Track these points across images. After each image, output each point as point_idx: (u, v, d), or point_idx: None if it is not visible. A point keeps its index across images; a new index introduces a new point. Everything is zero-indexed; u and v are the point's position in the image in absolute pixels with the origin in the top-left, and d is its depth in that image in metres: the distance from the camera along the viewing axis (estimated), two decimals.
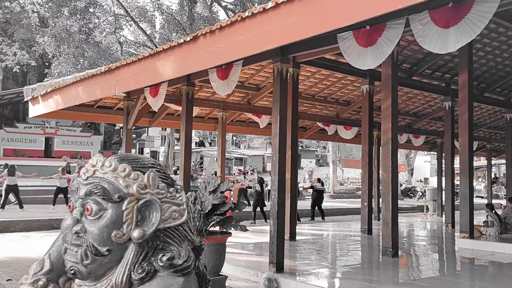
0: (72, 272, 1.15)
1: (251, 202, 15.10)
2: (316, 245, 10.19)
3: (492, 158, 22.31)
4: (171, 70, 6.48)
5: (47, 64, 33.16)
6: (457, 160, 14.52)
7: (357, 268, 7.69)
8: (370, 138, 11.16)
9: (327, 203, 17.95)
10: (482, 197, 27.72)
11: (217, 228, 6.01)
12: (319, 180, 17.06)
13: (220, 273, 5.88)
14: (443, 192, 14.49)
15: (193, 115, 10.13)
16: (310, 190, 19.68)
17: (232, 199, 15.45)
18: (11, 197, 16.00)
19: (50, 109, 9.94)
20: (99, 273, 1.16)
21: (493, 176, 28.94)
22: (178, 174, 11.88)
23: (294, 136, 9.63)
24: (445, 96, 11.95)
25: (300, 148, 42.50)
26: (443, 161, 14.42)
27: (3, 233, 11.98)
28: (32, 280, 1.20)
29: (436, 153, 19.07)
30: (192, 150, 12.69)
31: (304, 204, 18.14)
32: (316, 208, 16.03)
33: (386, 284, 6.38)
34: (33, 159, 31.59)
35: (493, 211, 10.14)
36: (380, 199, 13.68)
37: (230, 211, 5.93)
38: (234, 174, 31.47)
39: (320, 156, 52.19)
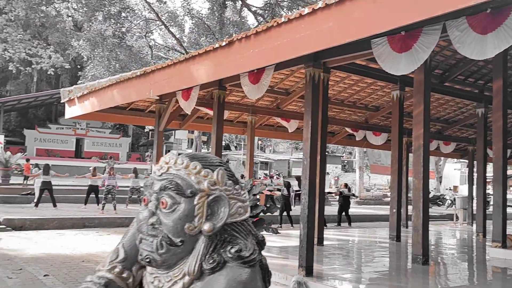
0: (148, 260, 1.25)
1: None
2: (344, 250, 10.17)
3: None
4: (205, 74, 6.61)
5: (79, 67, 34.05)
6: (489, 168, 14.27)
7: (386, 275, 7.65)
8: (400, 144, 11.06)
9: (353, 209, 17.85)
10: None
11: None
12: (346, 185, 16.99)
13: None
14: (474, 200, 14.22)
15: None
16: (337, 196, 19.62)
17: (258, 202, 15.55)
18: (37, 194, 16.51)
19: (86, 110, 10.24)
20: (172, 262, 1.25)
21: None
22: None
23: (323, 141, 9.65)
24: (478, 103, 11.75)
25: (326, 153, 42.32)
26: (475, 168, 14.17)
27: (38, 230, 12.38)
28: (109, 267, 1.31)
29: (466, 160, 18.72)
30: None
31: (330, 209, 18.08)
32: (343, 214, 15.98)
33: None
34: (64, 159, 32.42)
35: None
36: (409, 206, 13.55)
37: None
38: (260, 178, 31.57)
39: (346, 161, 51.82)
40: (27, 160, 22.19)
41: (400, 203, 11.29)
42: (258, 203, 5.51)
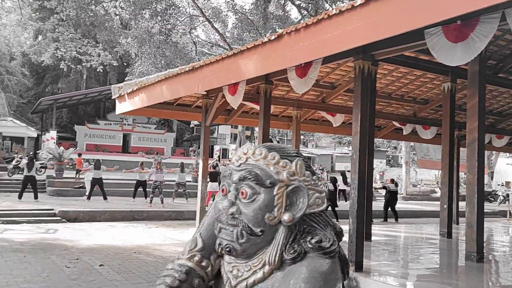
0: (228, 249, 1.26)
1: None
2: (393, 246, 9.99)
3: None
4: (253, 68, 6.63)
5: (125, 64, 34.98)
6: None
7: (438, 272, 7.46)
8: (451, 138, 10.70)
9: (399, 205, 17.47)
10: None
11: None
12: (392, 180, 16.64)
13: None
14: None
15: None
16: (382, 191, 19.26)
17: None
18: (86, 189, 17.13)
19: (135, 106, 10.50)
20: (251, 252, 1.27)
21: None
22: None
23: (370, 135, 9.47)
24: None
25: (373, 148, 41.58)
26: None
27: (90, 222, 12.87)
28: (189, 255, 1.34)
29: None
30: None
31: (375, 204, 17.76)
32: (389, 209, 15.68)
33: None
34: (112, 154, 33.42)
35: None
36: (460, 202, 13.12)
37: None
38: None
39: (390, 156, 50.74)
40: (79, 154, 23.06)
41: (451, 198, 10.95)
42: None
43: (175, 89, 8.87)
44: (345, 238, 7.37)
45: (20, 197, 14.95)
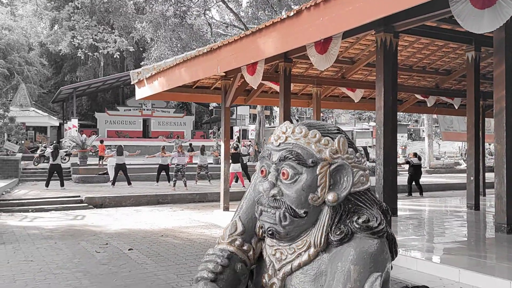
0: (270, 232, 1.23)
1: None
2: (419, 220, 9.91)
3: None
4: (273, 46, 6.53)
5: (141, 49, 35.02)
6: None
7: (467, 244, 7.37)
8: (476, 108, 10.45)
9: (423, 179, 17.25)
10: None
11: None
12: (415, 154, 16.38)
13: None
14: None
15: None
16: (405, 166, 19.03)
17: None
18: (110, 175, 17.38)
19: (155, 91, 10.51)
20: (295, 235, 1.23)
21: None
22: None
23: (393, 109, 9.30)
24: None
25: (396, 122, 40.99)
26: None
27: (116, 207, 13.06)
28: (229, 240, 1.31)
29: None
30: None
31: (398, 179, 17.59)
32: (413, 183, 15.50)
33: (504, 260, 6.04)
34: (133, 140, 33.74)
35: None
36: (486, 174, 12.88)
37: None
38: None
39: (412, 130, 50.05)
40: (101, 141, 23.33)
41: (477, 170, 10.76)
42: None
43: (193, 72, 8.83)
44: None
45: (47, 185, 15.26)
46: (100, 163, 20.83)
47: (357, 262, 1.09)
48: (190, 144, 22.29)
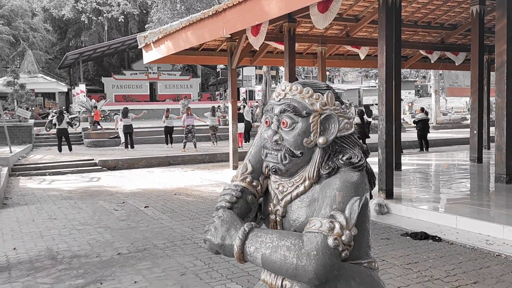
0: (274, 170, 1.54)
1: None
2: (423, 174, 10.22)
3: None
4: (277, 8, 6.66)
5: (145, 12, 34.74)
6: None
7: (468, 194, 7.69)
8: (481, 62, 10.54)
9: (430, 134, 17.46)
10: None
11: None
12: (422, 109, 16.53)
13: None
14: None
15: None
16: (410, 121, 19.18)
17: None
18: (121, 138, 17.76)
19: (162, 54, 10.69)
20: (293, 171, 1.54)
21: None
22: None
23: (397, 66, 9.45)
24: None
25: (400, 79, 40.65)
26: None
27: (129, 169, 13.52)
28: (242, 178, 1.63)
29: None
30: None
31: (405, 136, 17.84)
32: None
33: (501, 208, 6.37)
34: (141, 104, 33.94)
35: None
36: (490, 128, 13.06)
37: None
38: None
39: (420, 86, 49.74)
40: (95, 107, 23.31)
41: (481, 124, 10.97)
42: None
43: (200, 34, 8.98)
44: (375, 169, 7.60)
45: (59, 150, 15.70)
46: (98, 127, 20.93)
47: (341, 189, 1.40)
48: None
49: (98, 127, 20.79)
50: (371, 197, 1.52)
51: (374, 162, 8.16)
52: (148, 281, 4.24)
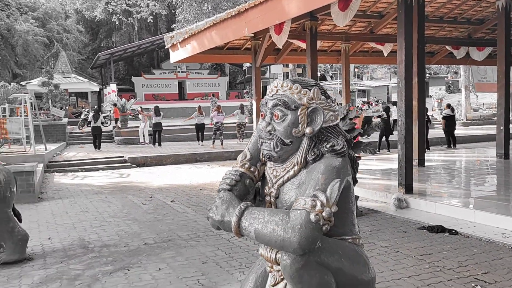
0: (268, 157, 1.77)
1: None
2: (447, 170, 10.19)
3: None
4: (296, 7, 6.83)
5: (173, 12, 35.34)
6: None
7: (493, 190, 7.66)
8: (507, 57, 10.42)
9: (459, 131, 17.25)
10: None
11: None
12: (448, 106, 16.35)
13: None
14: None
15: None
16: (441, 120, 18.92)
17: (354, 126, 15.65)
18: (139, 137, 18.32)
19: (188, 54, 11.01)
20: (285, 157, 1.76)
21: None
22: None
23: (420, 62, 9.49)
24: None
25: (428, 75, 40.05)
26: None
27: (157, 166, 13.93)
28: (241, 164, 1.86)
29: None
30: None
31: (433, 132, 17.68)
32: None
33: None
34: (170, 102, 34.57)
35: None
36: None
37: (359, 136, 6.33)
38: (358, 106, 31.19)
39: (450, 82, 48.76)
40: (115, 104, 23.89)
41: (508, 120, 10.84)
42: (354, 126, 5.80)
43: (223, 34, 9.24)
44: (392, 166, 7.66)
45: (95, 147, 16.38)
46: (118, 125, 21.49)
47: (324, 172, 1.61)
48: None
49: (116, 124, 21.44)
50: (355, 181, 1.71)
51: (396, 158, 8.21)
52: (171, 269, 4.50)
